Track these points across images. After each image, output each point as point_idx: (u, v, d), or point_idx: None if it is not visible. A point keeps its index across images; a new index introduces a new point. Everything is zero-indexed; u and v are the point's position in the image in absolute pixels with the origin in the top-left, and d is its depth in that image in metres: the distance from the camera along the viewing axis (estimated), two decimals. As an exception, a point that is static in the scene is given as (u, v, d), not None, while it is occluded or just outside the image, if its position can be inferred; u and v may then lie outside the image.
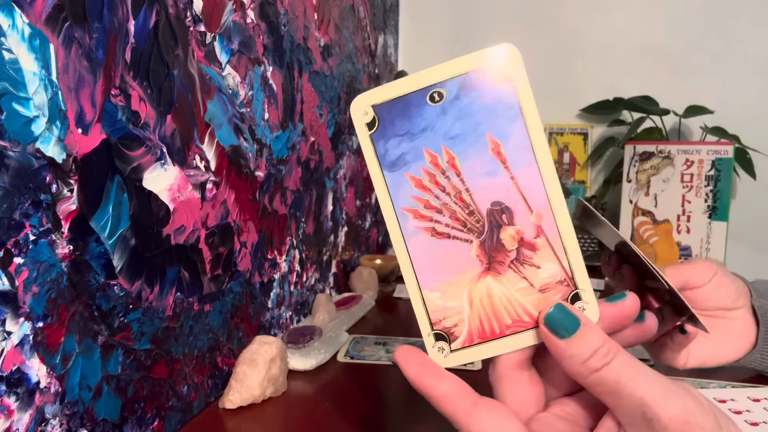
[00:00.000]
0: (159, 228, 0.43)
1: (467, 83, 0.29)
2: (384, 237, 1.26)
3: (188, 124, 0.47)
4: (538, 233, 0.29)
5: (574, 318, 0.27)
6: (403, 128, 0.29)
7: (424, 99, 0.29)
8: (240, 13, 0.55)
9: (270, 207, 0.64)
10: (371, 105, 0.29)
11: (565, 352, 0.27)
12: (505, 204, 0.29)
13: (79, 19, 0.34)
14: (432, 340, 0.30)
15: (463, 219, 0.30)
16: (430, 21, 1.35)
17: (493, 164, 0.29)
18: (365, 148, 0.30)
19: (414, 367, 0.29)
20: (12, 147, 0.30)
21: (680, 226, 1.03)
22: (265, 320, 0.64)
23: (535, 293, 0.29)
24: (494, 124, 0.29)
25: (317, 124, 0.79)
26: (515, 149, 0.29)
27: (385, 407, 0.53)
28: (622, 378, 0.25)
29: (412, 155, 0.30)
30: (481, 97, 0.29)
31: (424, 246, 0.30)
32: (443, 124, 0.29)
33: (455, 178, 0.29)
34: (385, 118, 0.29)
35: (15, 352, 0.31)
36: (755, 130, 1.16)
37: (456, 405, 0.27)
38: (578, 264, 0.29)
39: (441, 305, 0.30)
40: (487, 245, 0.29)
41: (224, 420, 0.49)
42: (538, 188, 0.29)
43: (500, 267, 0.29)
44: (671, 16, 1.23)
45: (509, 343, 0.29)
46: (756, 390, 0.53)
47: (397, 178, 0.30)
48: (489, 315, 0.30)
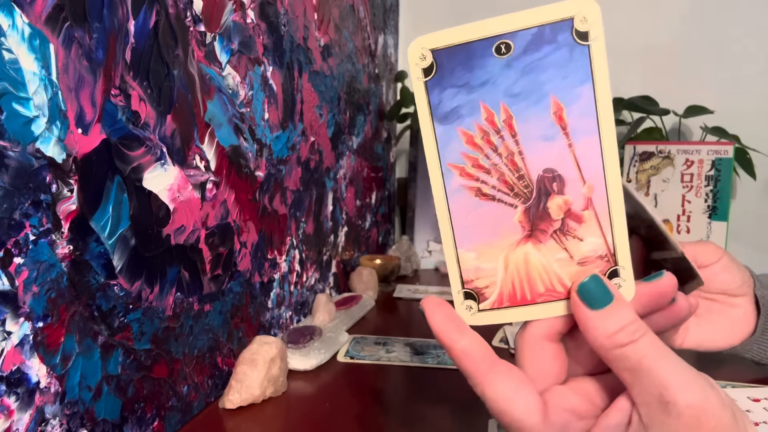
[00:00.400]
0: (159, 228, 0.43)
1: (538, 37, 0.27)
2: (384, 237, 1.26)
3: (188, 124, 0.47)
4: (587, 205, 0.28)
5: (608, 291, 0.26)
6: (462, 79, 0.27)
7: (489, 49, 0.27)
8: (240, 13, 0.55)
9: (270, 207, 0.64)
10: (431, 49, 0.27)
11: (593, 322, 0.26)
12: (557, 172, 0.28)
13: (79, 19, 0.34)
14: (461, 298, 0.29)
15: (512, 182, 0.28)
16: (430, 21, 1.35)
17: (552, 128, 0.27)
18: (418, 95, 0.28)
19: (439, 319, 0.28)
20: (12, 147, 0.30)
21: (680, 226, 1.03)
22: (265, 320, 0.64)
23: (573, 265, 0.28)
24: (561, 85, 0.27)
25: (317, 124, 0.79)
26: (578, 115, 0.27)
27: (385, 407, 0.53)
28: (647, 357, 0.25)
29: (467, 109, 0.28)
30: (551, 55, 0.27)
31: (466, 205, 0.29)
32: (506, 79, 0.27)
33: (510, 139, 0.28)
34: (445, 65, 0.27)
35: (15, 352, 0.31)
36: (755, 130, 1.16)
37: (474, 362, 0.27)
38: (622, 241, 0.28)
39: (475, 265, 0.29)
40: (532, 212, 0.28)
41: (224, 420, 0.49)
42: (596, 159, 0.27)
43: (542, 236, 0.28)
44: (671, 16, 1.23)
45: (539, 310, 0.29)
46: (756, 390, 0.53)
47: (447, 132, 0.28)
48: (522, 280, 0.29)
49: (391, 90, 1.31)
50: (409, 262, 1.13)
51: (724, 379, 0.56)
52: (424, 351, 0.66)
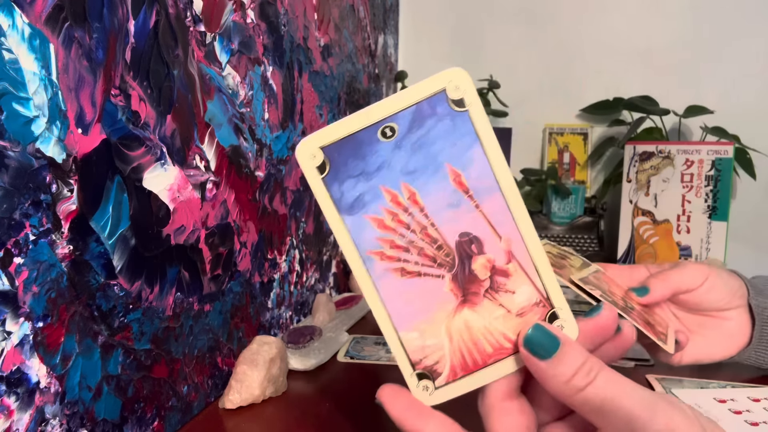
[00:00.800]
0: (159, 228, 0.43)
1: (419, 114, 0.27)
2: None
3: (188, 124, 0.47)
4: (509, 258, 0.28)
5: (554, 337, 0.27)
6: (357, 168, 0.28)
7: (375, 135, 0.28)
8: (240, 13, 0.55)
9: (270, 207, 0.64)
10: (319, 147, 0.28)
11: (548, 372, 0.26)
12: (473, 234, 0.28)
13: (79, 19, 0.34)
14: (415, 381, 0.30)
15: (432, 254, 0.29)
16: (430, 21, 1.35)
17: (455, 195, 0.28)
18: (318, 193, 0.28)
19: (399, 410, 0.28)
20: (12, 147, 0.30)
21: (680, 226, 1.03)
22: (265, 320, 0.64)
23: (513, 319, 0.29)
24: (452, 153, 0.28)
25: (317, 124, 0.79)
26: (476, 177, 0.28)
27: (385, 407, 0.53)
28: (608, 395, 0.25)
29: (370, 195, 0.28)
30: (435, 127, 0.28)
31: (395, 287, 0.29)
32: (399, 160, 0.28)
33: (419, 214, 0.28)
34: (337, 159, 0.28)
35: (15, 352, 0.31)
36: (755, 130, 1.16)
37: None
38: (552, 283, 0.29)
39: (420, 345, 0.29)
40: (459, 278, 0.29)
41: (224, 420, 0.49)
42: (504, 213, 0.28)
43: (475, 298, 0.29)
44: (671, 16, 1.23)
45: (493, 371, 0.29)
46: (756, 390, 0.53)
47: (357, 221, 0.28)
48: (470, 347, 0.29)
49: (391, 90, 1.31)
50: (409, 262, 1.13)
51: (724, 379, 0.56)
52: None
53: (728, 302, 0.53)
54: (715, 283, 0.52)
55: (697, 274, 0.51)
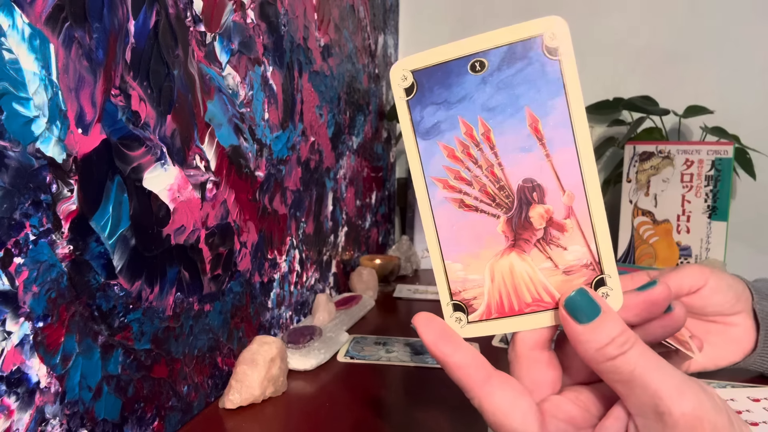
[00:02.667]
0: (159, 228, 0.43)
1: (511, 54, 0.28)
2: (384, 237, 1.26)
3: (188, 124, 0.47)
4: (568, 214, 0.28)
5: (595, 304, 0.26)
6: (441, 96, 0.29)
7: (465, 67, 0.28)
8: (240, 13, 0.55)
9: (270, 207, 0.64)
10: (411, 70, 0.29)
11: (582, 336, 0.26)
12: (536, 182, 0.28)
13: (79, 19, 0.34)
14: (450, 310, 0.30)
15: (493, 193, 0.29)
16: (430, 21, 1.35)
17: (529, 140, 0.28)
18: (401, 113, 0.29)
19: (432, 334, 0.28)
20: (12, 147, 0.30)
21: (680, 226, 1.03)
22: (265, 320, 0.64)
23: (558, 274, 0.29)
24: (535, 98, 0.28)
25: (317, 124, 0.79)
26: (554, 126, 0.28)
27: (385, 407, 0.53)
28: (638, 369, 0.25)
29: (447, 124, 0.29)
30: (523, 70, 0.28)
31: (450, 217, 0.29)
32: (482, 95, 0.28)
33: (489, 152, 0.29)
34: (424, 84, 0.29)
35: (15, 352, 0.31)
36: (755, 130, 1.16)
37: (470, 375, 0.27)
38: (607, 249, 0.28)
39: (462, 276, 0.30)
40: (514, 222, 0.29)
41: (224, 420, 0.49)
42: (574, 168, 0.28)
43: (525, 245, 0.29)
44: (671, 16, 1.23)
45: (527, 321, 0.29)
46: (756, 390, 0.53)
47: (429, 147, 0.29)
48: (509, 291, 0.29)
49: (391, 90, 1.31)
50: (409, 262, 1.13)
51: (724, 379, 0.56)
52: (424, 351, 0.66)
53: (733, 306, 0.52)
54: (719, 284, 0.51)
55: (697, 274, 0.51)
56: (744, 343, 0.53)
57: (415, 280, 1.08)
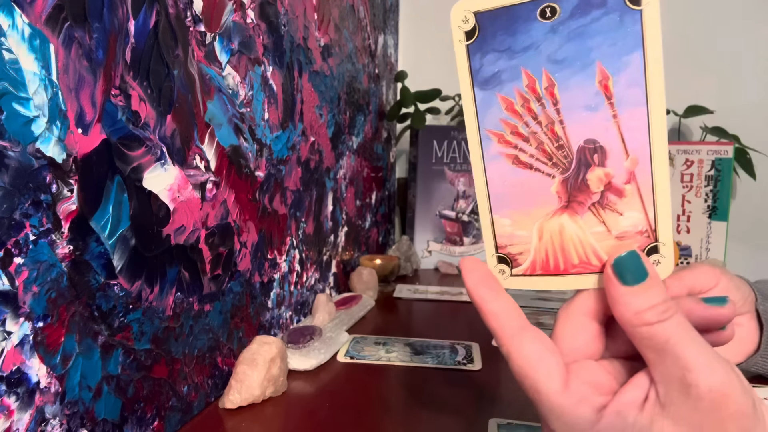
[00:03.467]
0: (159, 228, 0.43)
1: (587, 1, 0.25)
2: (384, 237, 1.26)
3: (188, 124, 0.47)
4: (629, 179, 0.27)
5: (644, 269, 0.26)
6: (505, 43, 0.26)
7: (534, 13, 0.26)
8: (240, 13, 0.55)
9: (270, 207, 0.64)
10: (474, 11, 0.27)
11: (623, 297, 0.26)
12: (599, 143, 0.27)
13: (79, 19, 0.34)
14: (494, 262, 0.29)
15: (550, 152, 0.27)
16: (430, 21, 1.35)
17: (596, 98, 0.26)
18: (459, 59, 0.27)
19: (475, 278, 0.28)
20: (12, 147, 0.30)
21: (680, 226, 1.03)
22: (265, 320, 0.64)
23: (610, 239, 0.27)
24: (608, 52, 0.25)
25: (317, 124, 0.79)
26: (625, 85, 0.26)
27: (385, 407, 0.53)
28: (673, 338, 0.25)
29: (508, 74, 0.27)
30: (599, 19, 0.25)
31: (503, 172, 0.28)
32: (550, 45, 0.26)
33: (551, 107, 0.27)
34: (487, 28, 0.26)
35: (15, 352, 0.31)
36: (755, 130, 1.16)
37: (504, 324, 0.27)
38: (665, 217, 0.27)
39: (509, 232, 0.29)
40: (570, 183, 0.27)
41: (224, 420, 0.49)
42: (642, 131, 0.26)
43: (579, 207, 0.28)
44: (671, 16, 1.23)
45: (571, 281, 0.28)
46: (756, 390, 0.53)
47: (487, 97, 0.27)
48: (557, 250, 0.28)
49: (391, 90, 1.31)
50: (409, 262, 1.13)
51: (724, 379, 0.56)
52: (424, 351, 0.66)
53: (739, 307, 0.51)
54: (728, 286, 0.51)
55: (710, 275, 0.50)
56: (746, 344, 0.53)
57: (415, 280, 1.08)
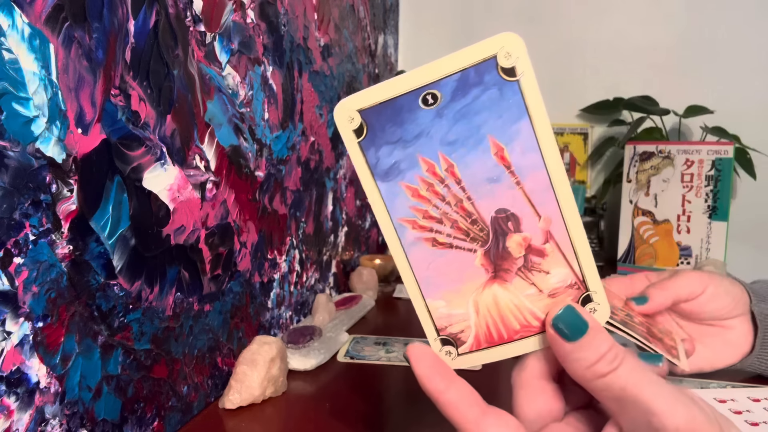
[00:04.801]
0: (159, 228, 0.43)
1: (464, 82, 0.26)
2: (383, 238, 1.26)
3: (188, 124, 0.47)
4: (546, 239, 0.27)
5: (583, 321, 0.26)
6: (395, 135, 0.27)
7: (416, 102, 0.26)
8: (240, 13, 0.55)
9: (270, 207, 0.64)
10: (357, 110, 0.27)
11: (572, 355, 0.26)
12: (510, 211, 0.27)
13: (79, 19, 0.34)
14: (439, 345, 0.30)
15: (466, 228, 0.28)
16: (430, 21, 1.35)
17: (496, 169, 0.27)
18: (354, 156, 0.27)
19: (425, 368, 0.28)
20: (12, 147, 0.30)
21: (680, 226, 1.03)
22: (265, 320, 0.64)
23: (544, 299, 0.28)
24: (497, 125, 0.26)
25: (317, 124, 0.79)
26: (520, 152, 0.26)
27: (385, 407, 0.53)
28: (629, 384, 0.25)
29: (406, 163, 0.27)
30: (480, 97, 0.26)
31: (425, 256, 0.28)
32: (439, 129, 0.27)
33: (455, 186, 0.27)
34: (374, 124, 0.27)
35: (15, 352, 0.31)
36: (755, 130, 1.16)
37: (463, 413, 0.27)
38: (589, 266, 0.28)
39: (446, 313, 0.29)
40: (492, 253, 0.28)
41: (224, 420, 0.49)
42: (547, 192, 0.27)
43: (507, 275, 0.28)
44: (671, 15, 1.23)
45: (517, 347, 0.29)
46: (756, 390, 0.53)
47: (391, 188, 0.28)
48: (496, 321, 0.29)
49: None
50: (409, 262, 1.12)
51: (724, 379, 0.56)
52: (424, 351, 0.66)
53: (730, 311, 0.52)
54: (716, 292, 0.51)
55: (696, 282, 0.50)
56: (741, 345, 0.53)
57: (415, 280, 1.08)
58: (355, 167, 0.28)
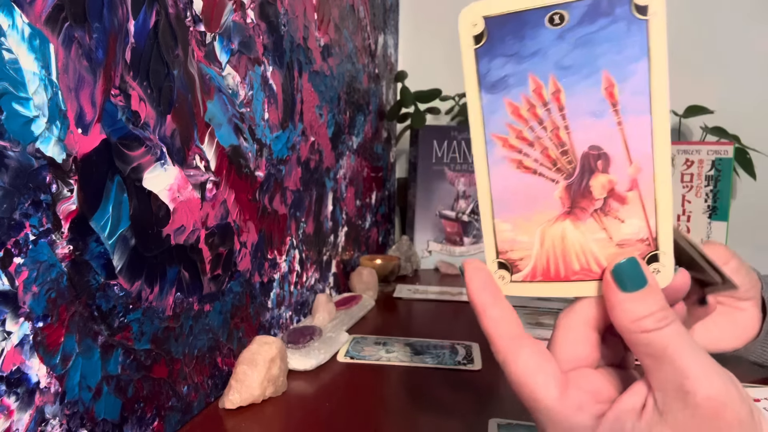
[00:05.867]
0: (159, 228, 0.43)
1: (595, 9, 0.25)
2: (384, 237, 1.26)
3: (188, 124, 0.47)
4: (632, 186, 0.27)
5: (643, 276, 0.26)
6: (513, 48, 0.27)
7: (542, 19, 0.26)
8: (240, 13, 0.55)
9: (270, 207, 0.64)
10: (483, 16, 0.27)
11: (622, 304, 0.26)
12: (603, 150, 0.27)
13: (79, 19, 0.34)
14: (495, 267, 0.29)
15: (555, 157, 0.27)
16: (430, 21, 1.35)
17: (601, 104, 0.26)
18: (467, 62, 0.27)
19: (477, 283, 0.28)
20: (12, 147, 0.30)
21: (680, 226, 1.03)
22: (265, 320, 0.64)
23: (611, 246, 0.28)
24: (614, 60, 0.26)
25: (317, 124, 0.79)
26: (631, 93, 0.26)
27: (385, 407, 0.53)
28: (671, 346, 0.25)
29: (515, 79, 0.27)
30: (606, 27, 0.25)
31: (506, 176, 0.28)
32: (557, 51, 0.26)
33: (556, 113, 0.27)
34: (495, 33, 0.27)
35: (15, 352, 0.31)
36: (755, 130, 1.16)
37: (501, 331, 0.27)
38: (666, 226, 0.27)
39: (511, 237, 0.29)
40: (573, 189, 0.27)
41: (224, 420, 0.49)
42: (645, 139, 0.26)
43: (581, 213, 0.28)
44: (671, 15, 1.23)
45: (572, 288, 0.28)
46: (756, 390, 0.53)
47: (494, 101, 0.27)
48: (558, 257, 0.28)
49: (391, 90, 1.31)
50: (409, 262, 1.13)
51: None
52: (424, 351, 0.66)
53: (747, 290, 0.53)
54: (739, 266, 0.52)
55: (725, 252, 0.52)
56: (748, 329, 0.54)
57: (415, 280, 1.08)
58: (464, 74, 0.27)
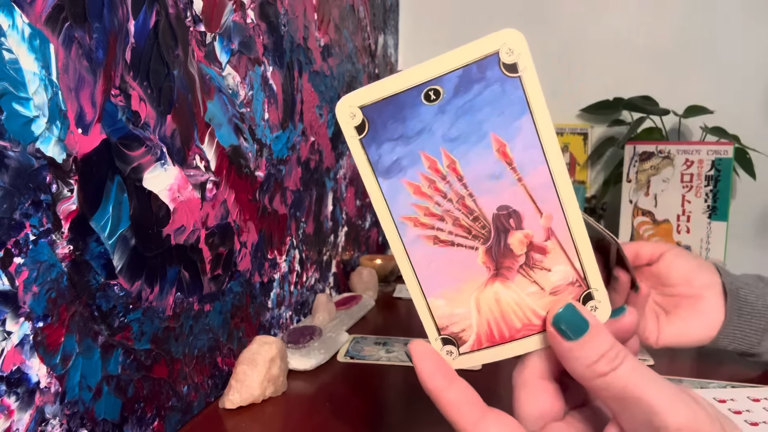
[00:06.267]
0: (159, 228, 0.43)
1: (466, 78, 0.26)
2: (384, 237, 1.26)
3: (188, 124, 0.47)
4: (548, 236, 0.27)
5: (583, 319, 0.26)
6: (397, 131, 0.27)
7: (418, 98, 0.26)
8: (240, 13, 0.55)
9: (270, 207, 0.64)
10: (359, 106, 0.27)
11: (572, 353, 0.26)
12: (512, 207, 0.27)
13: (79, 19, 0.34)
14: (440, 345, 0.29)
15: (467, 225, 0.28)
16: (430, 21, 1.35)
17: (498, 166, 0.27)
18: (356, 153, 0.27)
19: (427, 366, 0.27)
20: (12, 147, 0.30)
21: (680, 226, 1.03)
22: (265, 320, 0.64)
23: (545, 296, 0.28)
24: (499, 121, 0.26)
25: (317, 124, 0.79)
26: (522, 148, 0.26)
27: (385, 407, 0.53)
28: (630, 383, 0.24)
29: (408, 160, 0.27)
30: (482, 93, 0.26)
31: (426, 254, 0.28)
32: (442, 125, 0.27)
33: (457, 183, 0.27)
34: (376, 120, 0.27)
35: (15, 352, 0.31)
36: (755, 130, 1.16)
37: (463, 413, 0.27)
38: (590, 263, 0.28)
39: (447, 312, 0.29)
40: (494, 251, 0.28)
41: (224, 420, 0.49)
42: (549, 188, 0.27)
43: (508, 273, 0.28)
44: (671, 15, 1.23)
45: (519, 346, 0.29)
46: (756, 390, 0.53)
47: (393, 185, 0.28)
48: (498, 320, 0.29)
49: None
50: (409, 262, 1.12)
51: (724, 378, 0.56)
52: (424, 351, 0.66)
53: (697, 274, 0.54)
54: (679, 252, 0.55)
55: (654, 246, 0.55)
56: (714, 316, 0.55)
57: (415, 280, 1.08)
58: (356, 164, 0.28)
